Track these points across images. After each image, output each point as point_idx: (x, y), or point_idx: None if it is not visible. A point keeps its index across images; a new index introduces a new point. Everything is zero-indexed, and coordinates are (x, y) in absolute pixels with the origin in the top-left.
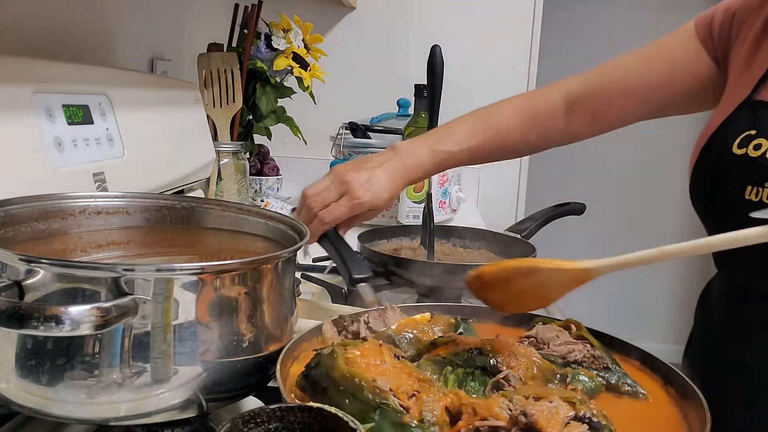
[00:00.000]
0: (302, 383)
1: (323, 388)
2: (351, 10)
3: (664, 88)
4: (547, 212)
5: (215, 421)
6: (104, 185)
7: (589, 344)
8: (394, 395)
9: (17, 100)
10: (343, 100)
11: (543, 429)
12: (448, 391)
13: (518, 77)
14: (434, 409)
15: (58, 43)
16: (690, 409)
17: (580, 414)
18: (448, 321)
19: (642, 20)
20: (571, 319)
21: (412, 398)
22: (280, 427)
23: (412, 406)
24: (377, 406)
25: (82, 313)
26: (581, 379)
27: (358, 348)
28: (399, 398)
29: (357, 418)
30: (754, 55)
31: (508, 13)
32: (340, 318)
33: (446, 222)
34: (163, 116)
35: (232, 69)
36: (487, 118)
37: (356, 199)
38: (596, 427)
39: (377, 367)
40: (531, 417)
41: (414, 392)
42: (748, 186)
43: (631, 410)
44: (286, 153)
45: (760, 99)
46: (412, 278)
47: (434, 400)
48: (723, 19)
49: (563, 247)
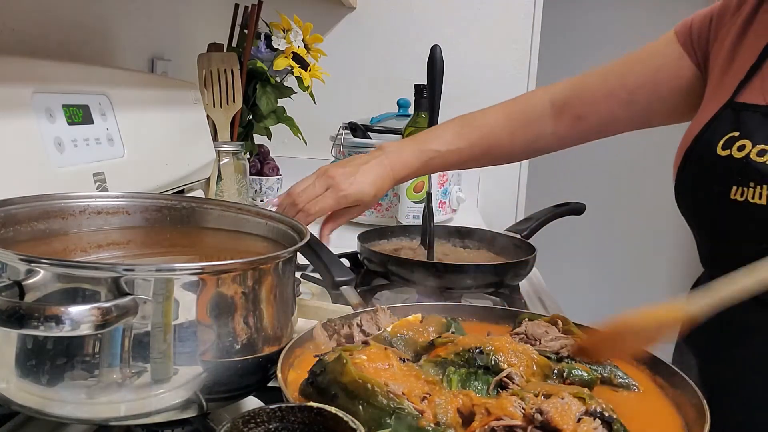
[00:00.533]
0: (308, 390)
1: (333, 395)
2: (351, 10)
3: (648, 90)
4: (547, 212)
5: (215, 421)
6: (104, 185)
7: (578, 339)
8: (408, 399)
9: (17, 100)
10: (343, 100)
11: (558, 425)
12: (459, 393)
13: (518, 77)
14: (447, 411)
15: (58, 43)
16: (682, 399)
17: (591, 409)
18: (440, 321)
19: (641, 20)
20: (558, 314)
21: (423, 401)
22: (280, 427)
23: (426, 410)
24: (392, 411)
25: (82, 313)
26: (577, 373)
27: (364, 353)
28: (413, 402)
29: (372, 424)
30: (733, 59)
31: (508, 13)
32: (329, 322)
33: (446, 222)
34: (163, 116)
35: (232, 69)
36: (474, 120)
37: (341, 191)
38: (608, 421)
39: (386, 372)
40: (546, 414)
41: (425, 395)
42: (734, 186)
43: (627, 402)
44: (286, 153)
45: (742, 101)
46: (411, 278)
47: (446, 402)
48: (701, 24)
49: (563, 247)
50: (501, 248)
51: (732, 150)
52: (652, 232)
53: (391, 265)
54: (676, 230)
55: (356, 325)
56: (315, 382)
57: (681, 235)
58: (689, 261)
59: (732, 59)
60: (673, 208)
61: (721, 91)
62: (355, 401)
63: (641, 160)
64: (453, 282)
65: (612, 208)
